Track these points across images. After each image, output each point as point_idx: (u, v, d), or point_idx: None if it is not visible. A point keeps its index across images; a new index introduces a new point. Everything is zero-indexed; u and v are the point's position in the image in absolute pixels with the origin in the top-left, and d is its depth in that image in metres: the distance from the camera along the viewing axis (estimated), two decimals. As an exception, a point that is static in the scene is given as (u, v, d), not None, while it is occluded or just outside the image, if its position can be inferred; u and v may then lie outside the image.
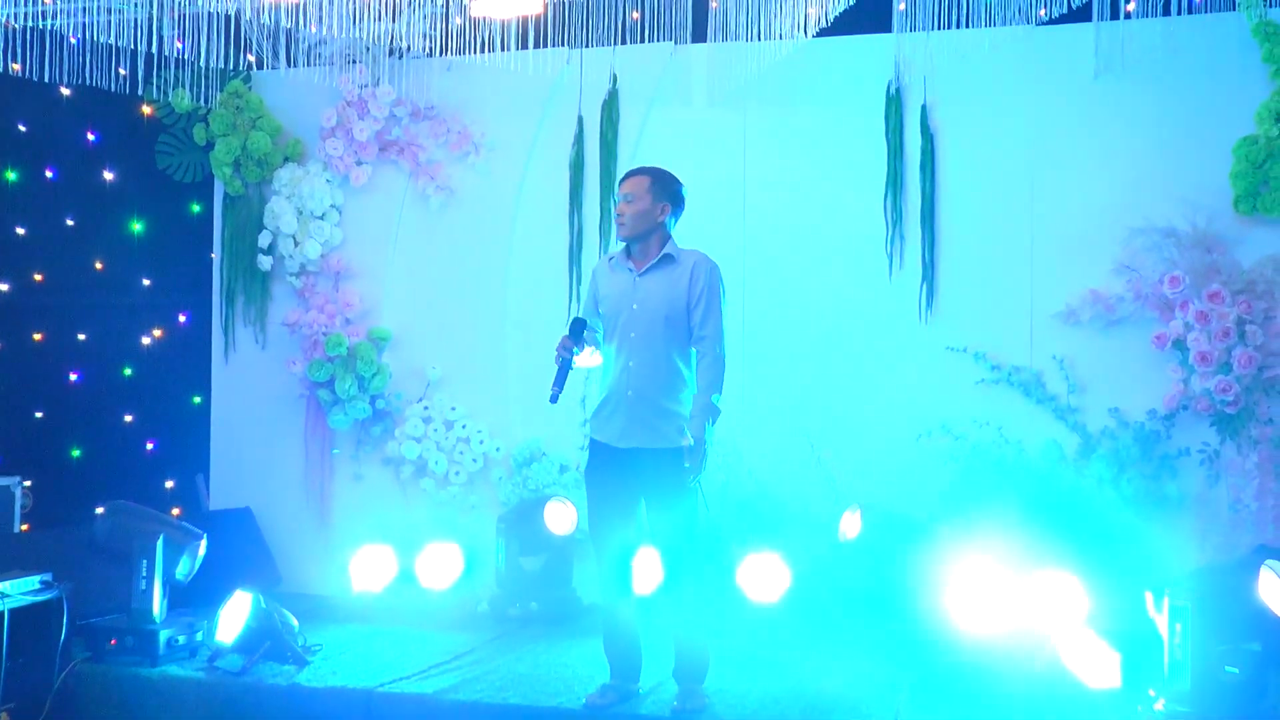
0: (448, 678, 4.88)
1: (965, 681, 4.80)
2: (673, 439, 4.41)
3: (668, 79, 6.34)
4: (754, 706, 4.53)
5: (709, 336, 4.45)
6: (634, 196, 4.53)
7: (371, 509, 6.58)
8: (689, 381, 4.47)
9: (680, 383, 4.46)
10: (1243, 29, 5.56)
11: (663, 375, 4.44)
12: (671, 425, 4.42)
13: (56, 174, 6.99)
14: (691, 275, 4.48)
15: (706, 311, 4.46)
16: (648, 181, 4.56)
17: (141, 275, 7.15)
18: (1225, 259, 5.60)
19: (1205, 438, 5.63)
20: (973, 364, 5.91)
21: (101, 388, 7.08)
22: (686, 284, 4.47)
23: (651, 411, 4.43)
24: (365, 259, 6.70)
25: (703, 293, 4.46)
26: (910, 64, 5.99)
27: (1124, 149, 5.79)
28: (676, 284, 4.47)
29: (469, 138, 6.54)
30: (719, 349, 4.46)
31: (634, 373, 4.45)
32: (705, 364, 4.45)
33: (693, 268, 4.49)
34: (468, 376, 6.55)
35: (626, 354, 4.47)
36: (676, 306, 4.46)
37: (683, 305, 4.46)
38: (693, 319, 4.46)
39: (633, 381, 4.45)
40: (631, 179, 4.60)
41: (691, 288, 4.47)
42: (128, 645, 4.97)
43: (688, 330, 4.47)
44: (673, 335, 4.45)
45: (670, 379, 4.44)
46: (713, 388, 4.44)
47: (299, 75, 6.44)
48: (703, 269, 4.49)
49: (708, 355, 4.45)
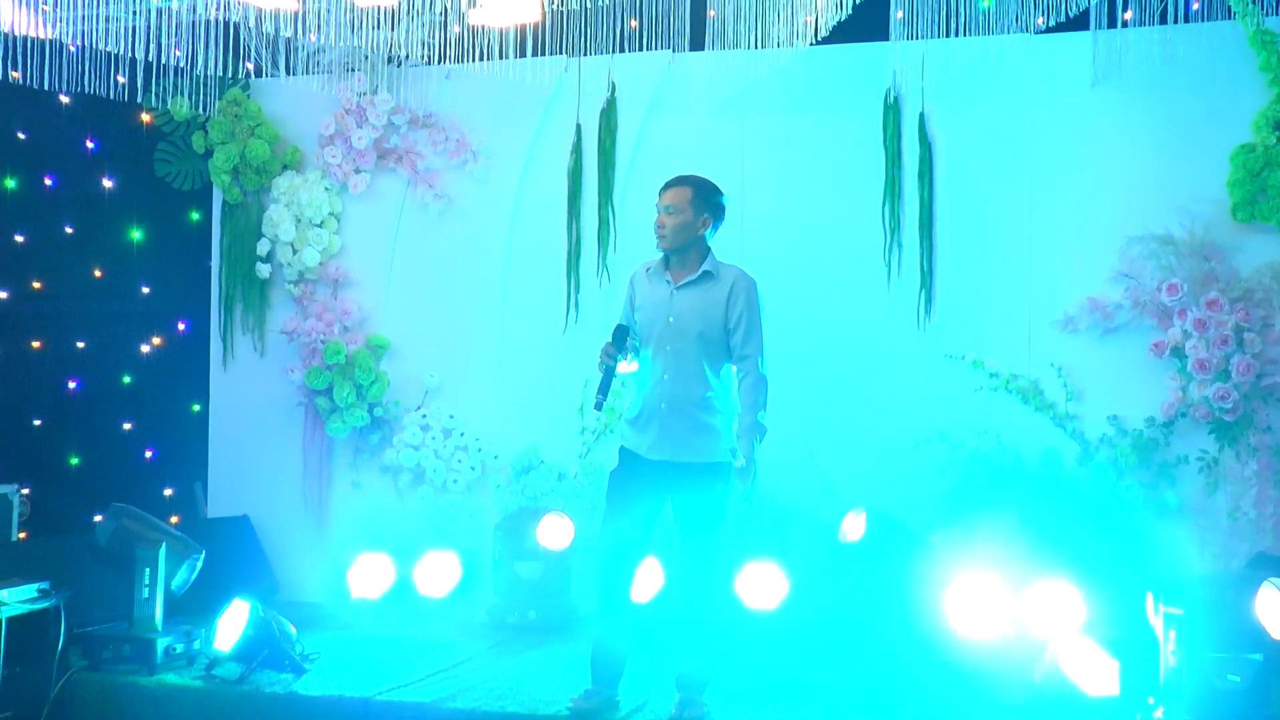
0: (445, 686, 4.88)
1: (964, 689, 4.79)
2: (703, 453, 4.41)
3: (666, 87, 6.34)
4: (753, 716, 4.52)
5: (751, 355, 4.45)
6: (675, 208, 4.50)
7: (369, 517, 6.58)
8: (723, 396, 4.46)
9: (714, 398, 4.45)
10: (1240, 37, 5.56)
11: (697, 390, 4.43)
12: (703, 440, 4.42)
13: (55, 181, 6.99)
14: (730, 294, 4.46)
15: (748, 332, 4.45)
16: (690, 193, 4.52)
17: (140, 283, 7.16)
18: (1223, 267, 5.60)
19: (1204, 445, 5.63)
20: (971, 371, 5.91)
21: (100, 395, 7.08)
22: (725, 303, 4.45)
23: (684, 425, 4.43)
24: (364, 267, 6.71)
25: (743, 313, 4.44)
26: (908, 72, 5.99)
27: (1122, 157, 5.80)
28: (714, 302, 4.45)
29: (467, 146, 6.55)
30: (762, 368, 4.46)
31: (669, 385, 4.44)
32: (749, 383, 4.44)
33: (731, 286, 4.47)
34: (466, 384, 6.55)
35: (662, 366, 4.46)
36: (713, 324, 4.44)
37: (719, 324, 4.44)
38: (733, 339, 4.45)
39: (666, 394, 4.44)
40: (673, 189, 4.55)
41: (730, 308, 4.45)
42: (125, 653, 4.97)
43: (724, 348, 4.46)
44: (707, 351, 4.44)
45: (704, 394, 4.44)
46: (758, 406, 4.44)
47: (298, 83, 6.45)
48: (741, 287, 4.47)
49: (751, 374, 4.45)
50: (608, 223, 6.35)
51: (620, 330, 4.52)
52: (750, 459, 4.37)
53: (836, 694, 4.81)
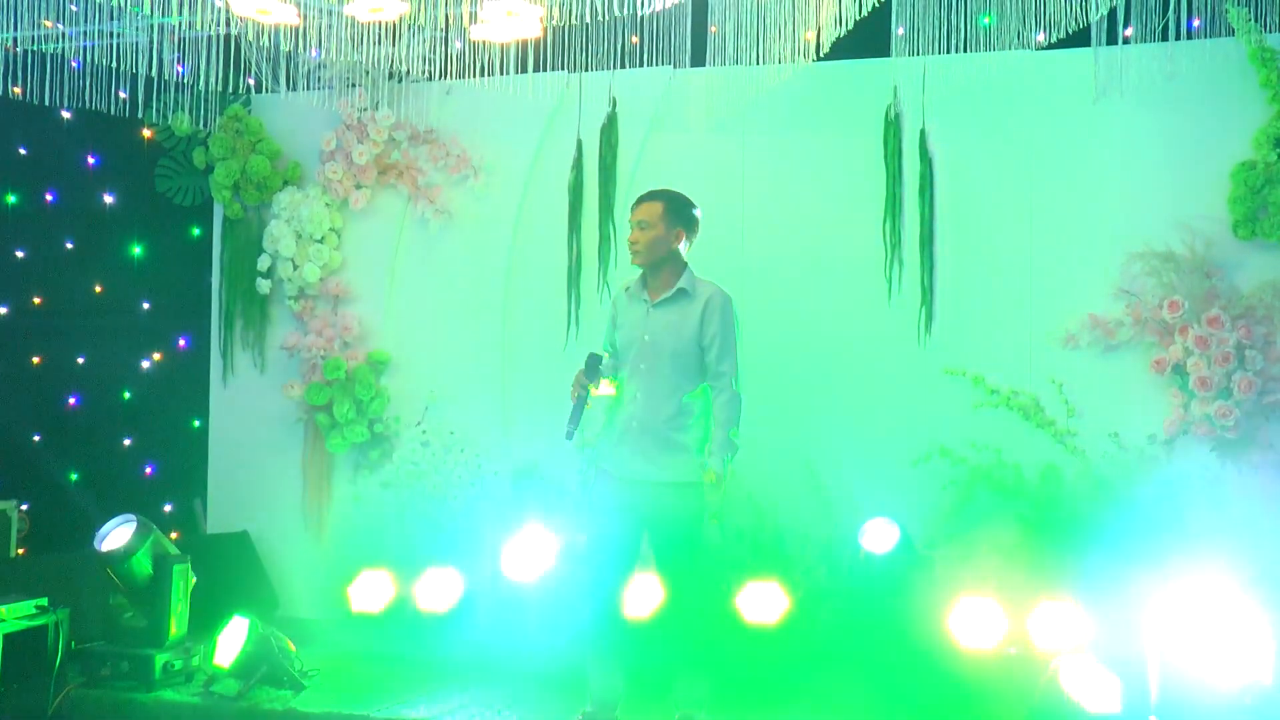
0: (445, 702, 4.86)
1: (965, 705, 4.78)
2: (675, 471, 4.39)
3: (667, 103, 6.35)
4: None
5: (725, 373, 4.42)
6: (647, 223, 4.50)
7: (369, 532, 6.56)
8: (696, 415, 4.45)
9: (686, 416, 4.43)
10: (1241, 54, 5.57)
11: (669, 408, 4.42)
12: (675, 458, 4.40)
13: (56, 197, 7.01)
14: (704, 312, 4.44)
15: (722, 350, 4.43)
16: (661, 208, 4.52)
17: (141, 298, 7.16)
18: (1224, 284, 5.60)
19: (1205, 463, 5.61)
20: (971, 388, 5.90)
21: (100, 411, 7.08)
22: (699, 321, 4.44)
23: (655, 444, 4.41)
24: (364, 282, 6.70)
25: (717, 331, 4.42)
26: (909, 89, 6.00)
27: (1123, 173, 5.80)
28: (688, 320, 4.45)
29: (468, 161, 6.55)
30: (736, 385, 4.44)
31: (640, 404, 4.44)
32: (723, 401, 4.42)
33: (705, 304, 4.45)
34: (466, 400, 6.54)
35: (635, 385, 4.45)
36: (686, 341, 4.43)
37: (692, 341, 4.43)
38: (708, 357, 4.43)
39: (638, 412, 4.43)
40: (644, 204, 4.56)
41: (704, 325, 4.43)
42: (123, 670, 4.95)
43: (698, 365, 4.45)
44: (681, 369, 4.43)
45: (676, 412, 4.42)
46: (731, 423, 4.41)
47: (298, 99, 6.46)
48: (716, 305, 4.45)
49: (725, 392, 4.42)
50: (609, 238, 6.35)
51: (593, 359, 4.51)
52: (720, 475, 4.35)
53: (836, 710, 4.79)
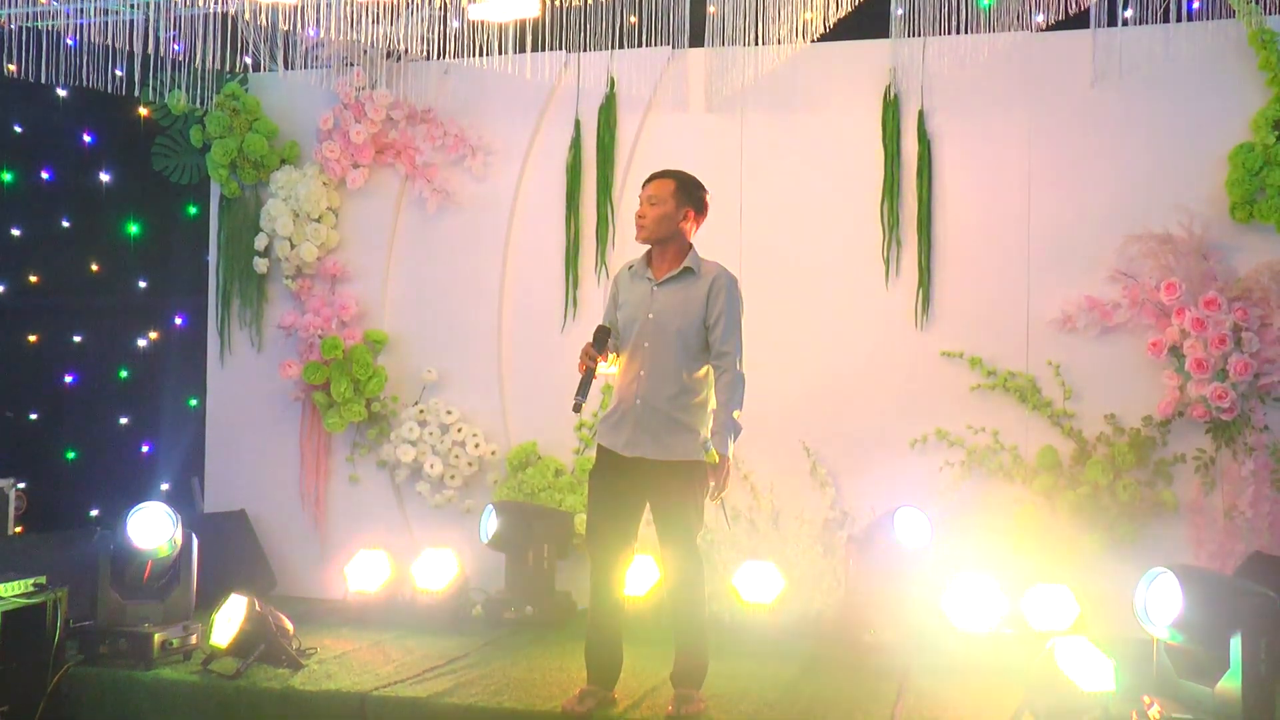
0: (442, 681, 4.87)
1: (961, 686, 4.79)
2: (678, 451, 4.39)
3: (665, 83, 6.34)
4: (749, 711, 4.52)
5: (729, 353, 4.41)
6: (658, 199, 4.49)
7: (366, 512, 6.58)
8: (699, 394, 4.44)
9: (690, 395, 4.43)
10: (1240, 37, 5.57)
11: (672, 387, 4.41)
12: (678, 438, 4.40)
13: (52, 175, 6.99)
14: (710, 292, 4.43)
15: (726, 330, 4.41)
16: (673, 185, 4.52)
17: (137, 277, 7.15)
18: (1221, 266, 5.61)
19: (1201, 444, 5.64)
20: (969, 370, 5.91)
21: (97, 390, 7.07)
22: (704, 300, 4.43)
23: (659, 422, 4.40)
24: (361, 262, 6.70)
25: (723, 311, 4.41)
26: (908, 70, 6.00)
27: (1121, 156, 5.81)
28: (693, 299, 4.44)
29: (466, 141, 6.54)
30: (739, 365, 4.43)
31: (644, 382, 4.43)
32: (726, 380, 4.41)
33: (711, 283, 4.44)
34: (464, 380, 6.55)
35: (639, 363, 4.44)
36: (690, 321, 4.42)
37: (697, 320, 4.42)
38: (712, 336, 4.42)
39: (642, 391, 4.42)
40: (656, 181, 4.55)
41: (710, 305, 4.42)
42: (121, 648, 4.95)
43: (702, 345, 4.44)
44: (684, 348, 4.42)
45: (680, 391, 4.41)
46: (734, 404, 4.40)
47: (296, 78, 6.44)
48: (721, 285, 4.44)
49: (729, 372, 4.41)
50: (606, 219, 6.35)
51: (601, 331, 4.50)
52: (724, 455, 4.35)
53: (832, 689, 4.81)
